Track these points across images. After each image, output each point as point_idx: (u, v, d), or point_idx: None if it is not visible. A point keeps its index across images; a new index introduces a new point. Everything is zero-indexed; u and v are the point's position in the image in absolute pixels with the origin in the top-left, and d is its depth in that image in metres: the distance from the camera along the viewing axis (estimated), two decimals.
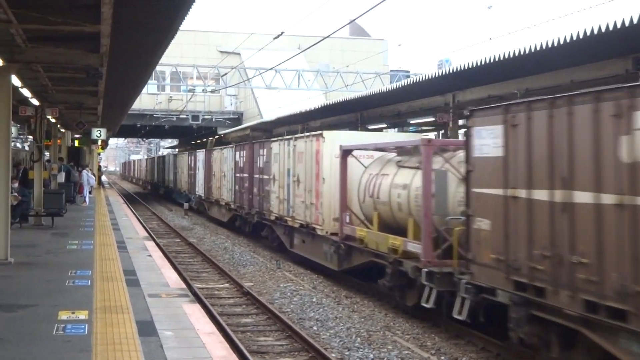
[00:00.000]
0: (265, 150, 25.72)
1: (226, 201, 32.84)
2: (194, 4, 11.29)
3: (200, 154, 41.63)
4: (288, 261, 22.57)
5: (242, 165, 29.51)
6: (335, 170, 18.58)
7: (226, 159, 33.17)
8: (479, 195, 11.60)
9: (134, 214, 32.22)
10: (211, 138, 51.64)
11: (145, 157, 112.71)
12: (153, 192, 71.64)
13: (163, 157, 66.51)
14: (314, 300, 16.26)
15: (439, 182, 13.17)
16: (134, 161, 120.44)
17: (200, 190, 41.03)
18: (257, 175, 26.77)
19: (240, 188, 29.55)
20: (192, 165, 44.67)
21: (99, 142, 48.63)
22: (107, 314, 9.93)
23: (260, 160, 26.45)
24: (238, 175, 30.07)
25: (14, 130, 36.43)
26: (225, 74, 45.26)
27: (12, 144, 51.01)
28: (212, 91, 49.97)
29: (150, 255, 16.68)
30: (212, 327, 9.88)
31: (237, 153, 30.75)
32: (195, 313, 10.58)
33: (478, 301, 11.66)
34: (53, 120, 27.90)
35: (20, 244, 17.00)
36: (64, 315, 9.76)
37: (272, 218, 24.04)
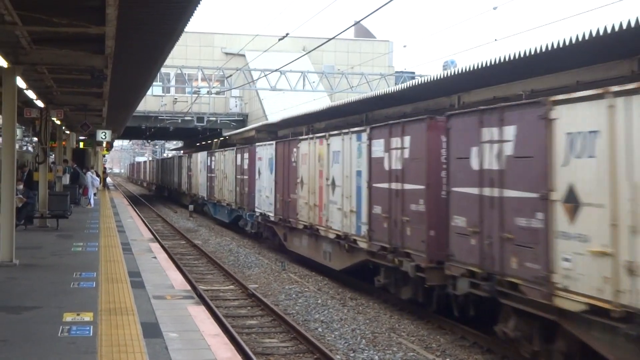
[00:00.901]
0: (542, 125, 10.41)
1: (340, 232, 18.15)
2: (198, 5, 11.29)
3: (265, 150, 26.36)
4: (293, 263, 22.54)
5: (398, 167, 14.97)
6: None
7: (336, 154, 18.73)
8: None
9: (138, 215, 32.22)
10: (216, 140, 51.68)
11: (159, 156, 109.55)
12: (172, 201, 58.49)
13: (188, 156, 50.22)
14: (319, 301, 16.24)
15: None
16: (145, 162, 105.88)
17: (264, 205, 25.96)
18: (470, 190, 12.25)
19: (397, 211, 14.96)
20: (245, 167, 30.09)
21: (104, 144, 48.83)
22: (112, 316, 9.92)
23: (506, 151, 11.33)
24: (393, 187, 15.14)
25: (19, 132, 36.47)
26: (230, 75, 45.30)
27: (25, 147, 50.81)
28: (217, 93, 50.05)
29: (155, 257, 16.67)
30: (217, 329, 9.86)
31: (380, 142, 15.98)
32: (200, 315, 10.56)
33: None
34: (58, 122, 27.93)
35: (25, 245, 17.01)
36: (68, 317, 9.75)
37: (575, 308, 9.60)
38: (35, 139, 31.23)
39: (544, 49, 14.23)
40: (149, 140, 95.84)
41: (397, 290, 15.33)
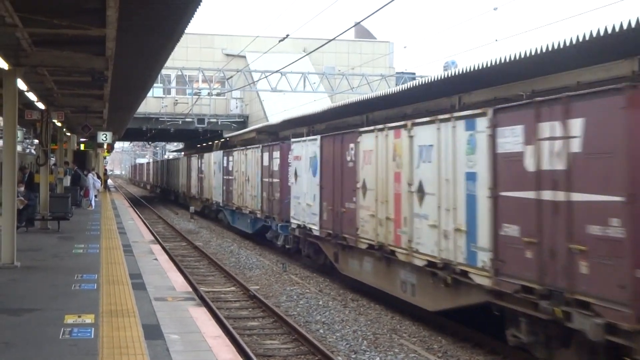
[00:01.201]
0: None
1: (436, 259, 13.29)
2: (199, 7, 11.30)
3: (305, 147, 21.32)
4: (294, 264, 22.52)
5: (557, 167, 10.10)
6: None
7: (426, 150, 14.00)
8: None
9: (139, 217, 32.22)
10: (217, 141, 51.69)
11: (159, 157, 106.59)
12: (181, 206, 52.67)
13: (199, 156, 45.04)
14: (320, 303, 16.23)
15: None
16: (148, 163, 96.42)
17: (303, 216, 20.82)
18: None
19: (556, 234, 10.07)
20: (274, 168, 25.57)
21: (105, 146, 48.89)
22: (113, 318, 9.92)
23: None
24: (547, 197, 10.27)
25: (19, 134, 36.44)
26: (231, 77, 45.32)
27: (28, 150, 50.67)
28: (218, 94, 50.10)
29: (156, 259, 16.67)
30: (218, 331, 9.86)
31: (515, 131, 11.10)
32: (201, 316, 10.56)
33: None
34: (59, 124, 27.93)
35: (26, 247, 17.01)
36: (70, 319, 9.75)
37: None
38: (36, 141, 31.22)
39: (544, 50, 14.22)
40: (150, 142, 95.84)
41: (549, 353, 10.56)
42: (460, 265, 12.37)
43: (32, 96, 19.43)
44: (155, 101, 50.68)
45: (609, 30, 12.34)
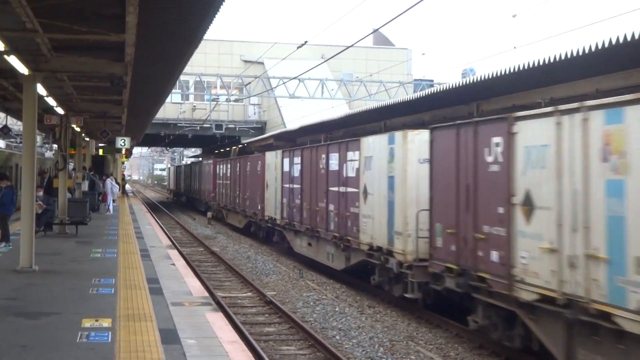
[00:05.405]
0: None
1: None
2: (218, 13, 11.33)
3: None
4: (311, 270, 22.53)
5: None
6: None
7: None
8: None
9: (157, 222, 32.32)
10: (234, 147, 51.78)
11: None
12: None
13: (322, 149, 22.73)
14: (336, 309, 16.21)
15: None
16: (196, 165, 60.58)
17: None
18: None
19: None
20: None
21: (123, 151, 49.03)
22: (130, 322, 9.95)
23: None
24: None
25: (38, 139, 36.65)
26: (249, 83, 45.42)
27: (51, 154, 50.86)
28: (236, 100, 50.22)
29: (173, 264, 16.72)
30: (234, 336, 9.86)
31: None
32: (218, 321, 10.57)
33: None
34: (77, 129, 28.09)
35: (44, 252, 17.10)
36: (87, 323, 9.79)
37: None
38: (55, 145, 31.41)
39: (563, 57, 14.16)
40: (168, 148, 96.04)
41: None
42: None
43: (51, 101, 19.55)
44: (174, 107, 50.86)
45: (629, 38, 12.28)
